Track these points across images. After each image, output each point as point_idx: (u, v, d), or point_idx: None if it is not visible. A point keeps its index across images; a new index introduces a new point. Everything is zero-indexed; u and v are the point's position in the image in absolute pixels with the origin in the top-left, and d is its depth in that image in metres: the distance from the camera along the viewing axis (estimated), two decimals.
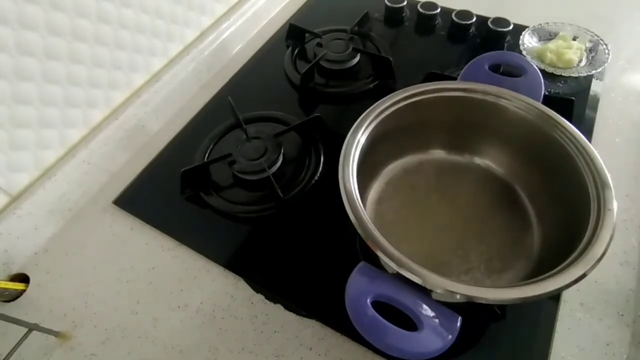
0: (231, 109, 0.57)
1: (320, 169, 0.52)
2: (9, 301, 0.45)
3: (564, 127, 0.38)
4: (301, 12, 0.77)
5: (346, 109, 0.60)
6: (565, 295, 0.40)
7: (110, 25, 0.51)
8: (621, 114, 0.55)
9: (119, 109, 0.56)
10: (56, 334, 0.41)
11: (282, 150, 0.52)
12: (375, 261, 0.34)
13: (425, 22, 0.70)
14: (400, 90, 0.42)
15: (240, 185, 0.52)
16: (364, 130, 0.40)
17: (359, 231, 0.32)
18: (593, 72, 0.55)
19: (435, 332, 0.29)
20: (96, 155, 0.53)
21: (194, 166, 0.51)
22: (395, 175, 0.47)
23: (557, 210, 0.39)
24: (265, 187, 0.50)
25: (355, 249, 0.44)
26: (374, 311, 0.30)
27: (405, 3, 0.71)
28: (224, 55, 0.69)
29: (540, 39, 0.62)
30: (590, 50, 0.59)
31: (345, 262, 0.35)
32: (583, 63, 0.58)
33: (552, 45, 0.59)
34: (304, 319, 0.41)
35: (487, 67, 0.45)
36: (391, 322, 0.29)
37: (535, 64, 0.45)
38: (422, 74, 0.58)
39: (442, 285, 0.29)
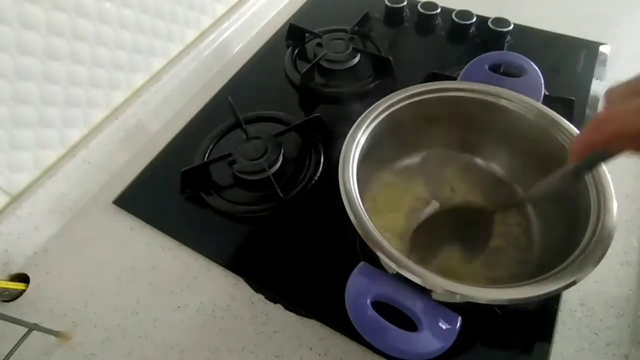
0: (231, 109, 0.57)
1: (320, 169, 0.52)
2: (9, 301, 0.45)
3: (564, 127, 0.38)
4: (301, 12, 0.77)
5: (346, 109, 0.60)
6: (565, 295, 0.40)
7: (111, 25, 0.51)
8: None
9: (119, 109, 0.56)
10: (56, 333, 0.41)
11: (282, 150, 0.52)
12: (375, 261, 0.34)
13: (425, 22, 0.70)
14: (400, 90, 0.42)
15: (240, 185, 0.52)
16: (364, 130, 0.40)
17: (359, 231, 0.32)
18: None
19: (435, 332, 0.29)
20: (96, 155, 0.53)
21: (194, 166, 0.51)
22: (395, 175, 0.47)
23: (557, 210, 0.39)
24: (265, 187, 0.50)
25: (355, 249, 0.44)
26: (374, 311, 0.30)
27: (405, 3, 0.71)
28: (224, 55, 0.69)
29: None
30: None
31: (345, 262, 0.35)
32: None
33: None
34: (304, 319, 0.41)
35: (487, 67, 0.45)
36: (391, 322, 0.29)
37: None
38: (422, 74, 0.58)
39: (442, 285, 0.29)
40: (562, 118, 0.38)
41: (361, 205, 0.34)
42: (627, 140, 0.23)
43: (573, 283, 0.29)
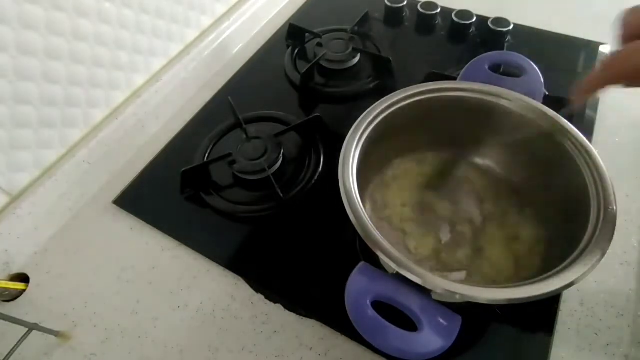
0: (231, 109, 0.57)
1: (320, 169, 0.52)
2: (9, 301, 0.45)
3: (564, 127, 0.38)
4: (301, 12, 0.77)
5: (346, 109, 0.60)
6: (565, 295, 0.40)
7: (111, 25, 0.51)
8: (621, 114, 0.55)
9: (119, 109, 0.56)
10: (56, 333, 0.41)
11: (282, 150, 0.52)
12: (375, 261, 0.34)
13: (425, 22, 0.70)
14: (400, 90, 0.42)
15: (240, 185, 0.52)
16: (364, 130, 0.40)
17: (359, 231, 0.32)
18: None
19: (435, 332, 0.29)
20: (96, 155, 0.53)
21: (194, 166, 0.51)
22: (395, 175, 0.47)
23: (557, 210, 0.39)
24: (265, 187, 0.50)
25: (355, 249, 0.44)
26: (374, 311, 0.30)
27: (405, 3, 0.71)
28: (224, 55, 0.69)
29: None
30: None
31: (345, 262, 0.35)
32: None
33: None
34: (304, 319, 0.41)
35: (487, 67, 0.45)
36: (391, 322, 0.29)
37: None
38: (422, 74, 0.58)
39: (442, 285, 0.29)
40: (562, 118, 0.38)
41: (361, 205, 0.34)
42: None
43: (573, 283, 0.28)
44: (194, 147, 0.55)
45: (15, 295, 0.45)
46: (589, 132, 0.52)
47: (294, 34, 0.69)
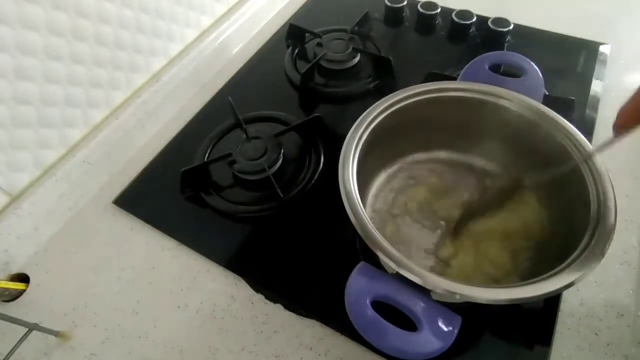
0: (231, 109, 0.57)
1: (320, 169, 0.52)
2: (9, 301, 0.45)
3: (564, 127, 0.38)
4: (301, 12, 0.77)
5: (346, 109, 0.60)
6: (565, 295, 0.40)
7: (111, 25, 0.51)
8: None
9: (119, 109, 0.56)
10: (56, 333, 0.41)
11: (282, 150, 0.52)
12: (375, 261, 0.34)
13: (425, 22, 0.70)
14: (400, 90, 0.42)
15: (240, 185, 0.52)
16: (364, 130, 0.40)
17: (359, 231, 0.32)
18: None
19: (435, 332, 0.29)
20: (96, 155, 0.53)
21: (194, 166, 0.51)
22: (395, 175, 0.47)
23: (557, 210, 0.39)
24: (265, 187, 0.50)
25: (355, 249, 0.44)
26: (373, 311, 0.30)
27: (405, 3, 0.71)
28: (224, 55, 0.69)
29: None
30: None
31: (345, 262, 0.35)
32: None
33: None
34: (304, 319, 0.41)
35: (487, 67, 0.45)
36: (391, 322, 0.29)
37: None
38: (422, 74, 0.58)
39: (442, 285, 0.29)
40: (562, 118, 0.38)
41: (361, 205, 0.34)
42: None
43: (573, 283, 0.29)
44: (194, 147, 0.55)
45: (15, 295, 0.45)
46: (589, 132, 0.52)
47: (294, 34, 0.69)
